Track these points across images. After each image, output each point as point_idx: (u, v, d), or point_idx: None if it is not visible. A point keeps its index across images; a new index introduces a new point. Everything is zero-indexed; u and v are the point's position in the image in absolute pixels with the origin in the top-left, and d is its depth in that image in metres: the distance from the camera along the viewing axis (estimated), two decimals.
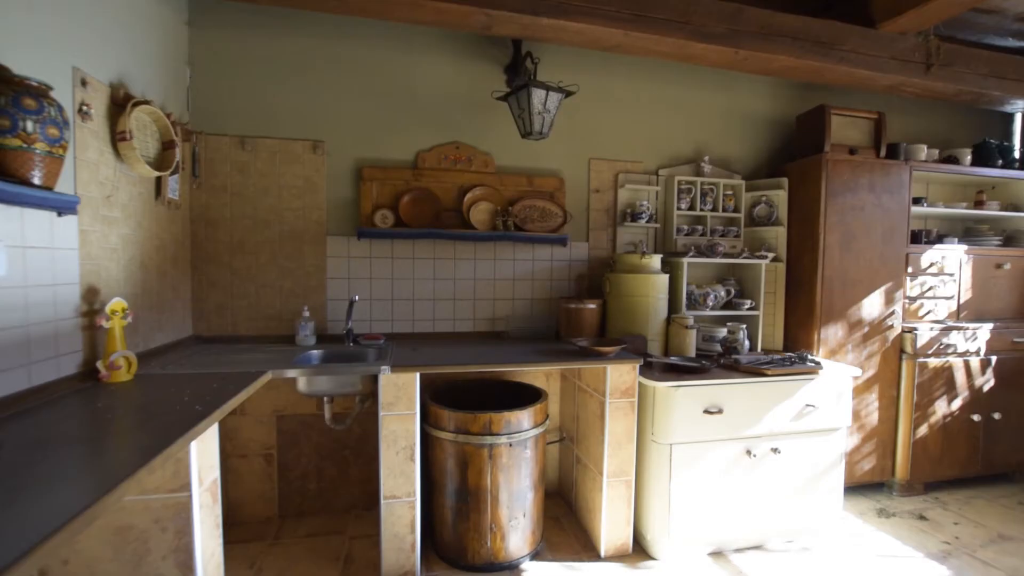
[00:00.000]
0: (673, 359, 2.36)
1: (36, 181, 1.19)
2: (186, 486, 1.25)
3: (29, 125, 1.15)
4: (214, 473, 1.39)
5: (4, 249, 1.27)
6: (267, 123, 2.41)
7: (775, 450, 2.25)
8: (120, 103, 1.74)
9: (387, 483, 1.95)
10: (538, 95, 2.26)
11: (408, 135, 2.56)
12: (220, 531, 1.41)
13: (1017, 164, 3.21)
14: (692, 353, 2.49)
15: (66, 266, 1.52)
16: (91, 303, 1.63)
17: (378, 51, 2.50)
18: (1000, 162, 3.13)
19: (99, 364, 1.58)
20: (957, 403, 2.88)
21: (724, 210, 2.88)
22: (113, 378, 1.60)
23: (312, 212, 2.47)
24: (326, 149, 2.46)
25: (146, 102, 1.79)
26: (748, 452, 2.21)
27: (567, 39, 2.29)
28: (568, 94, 2.35)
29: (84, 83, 1.58)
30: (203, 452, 1.31)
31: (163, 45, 2.10)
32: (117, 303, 1.63)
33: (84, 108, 1.57)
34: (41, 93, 1.19)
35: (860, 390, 2.76)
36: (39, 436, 1.13)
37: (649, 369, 2.25)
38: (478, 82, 2.61)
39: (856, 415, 2.76)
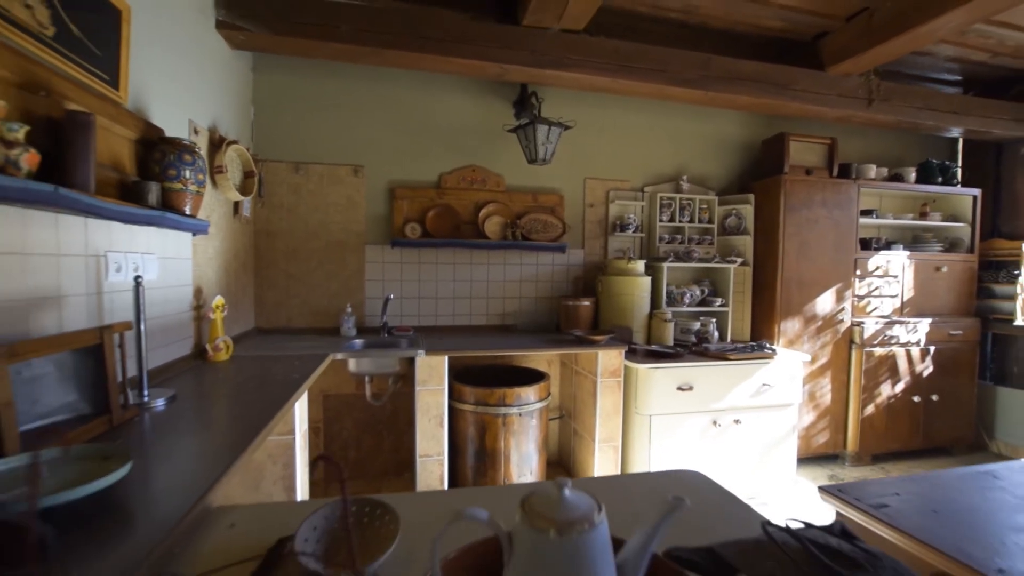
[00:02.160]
0: (654, 347, 2.84)
1: (187, 212, 1.66)
2: (291, 431, 1.74)
3: (187, 173, 1.62)
4: (305, 424, 1.87)
5: (157, 259, 1.75)
6: (316, 151, 2.89)
7: (737, 421, 2.73)
8: (216, 143, 2.22)
9: (421, 445, 2.43)
10: (542, 130, 2.74)
11: (432, 160, 3.04)
12: (308, 467, 1.89)
13: (956, 181, 3.71)
14: (670, 342, 2.97)
15: (185, 272, 2.00)
16: (198, 300, 2.11)
17: (408, 90, 2.98)
18: (940, 179, 3.62)
19: (207, 346, 2.05)
20: (900, 386, 3.37)
21: (700, 221, 3.36)
22: (216, 357, 2.07)
23: (353, 225, 2.95)
24: (364, 172, 2.95)
25: (235, 141, 2.27)
26: (714, 423, 2.70)
27: (565, 84, 2.78)
28: (567, 128, 2.84)
29: (196, 131, 2.07)
30: (301, 407, 1.79)
31: (237, 91, 2.58)
32: (219, 300, 2.11)
33: (196, 150, 2.05)
34: (192, 149, 1.66)
35: (815, 375, 3.25)
36: (194, 392, 1.61)
37: (633, 354, 2.73)
38: (491, 115, 3.09)
39: (812, 396, 3.25)
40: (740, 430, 2.75)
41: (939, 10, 2.40)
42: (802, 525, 0.67)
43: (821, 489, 1.35)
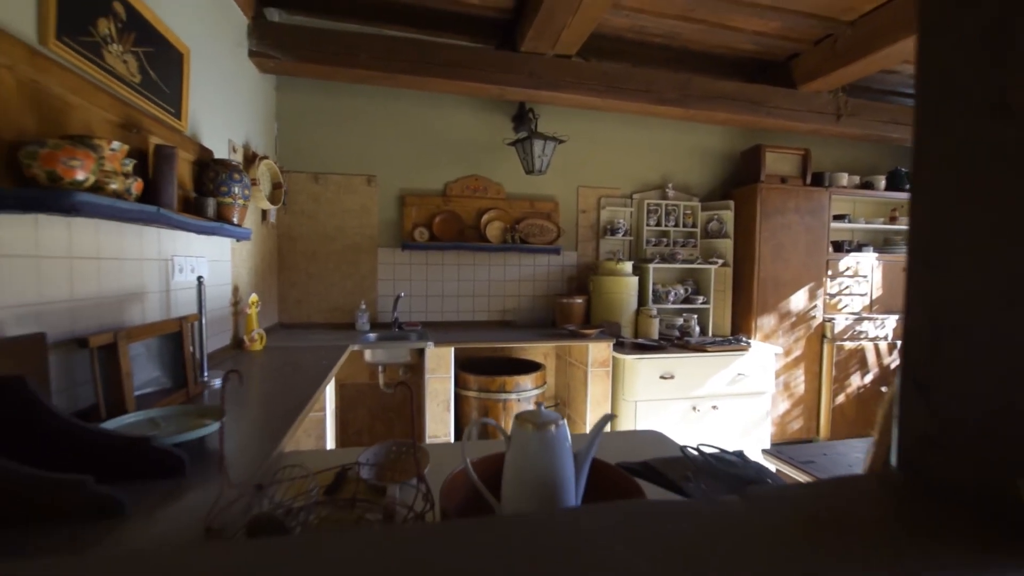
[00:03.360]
0: (640, 340, 3.14)
1: (235, 222, 1.95)
2: (322, 408, 2.03)
3: (235, 189, 1.91)
4: (333, 404, 2.16)
5: (207, 262, 2.05)
6: (333, 162, 3.18)
7: (715, 407, 3.02)
8: (250, 158, 2.51)
9: (430, 426, 2.73)
10: (538, 144, 3.03)
11: (439, 170, 3.33)
12: (335, 441, 2.18)
13: None
14: (655, 336, 3.26)
15: (226, 272, 2.29)
16: (235, 297, 2.40)
17: (417, 107, 3.27)
18: (908, 186, 3.90)
19: (244, 337, 2.35)
20: (869, 377, 3.66)
21: (684, 226, 3.66)
22: (252, 347, 2.36)
23: (367, 230, 3.24)
24: (377, 182, 3.24)
25: (265, 157, 2.56)
26: (694, 408, 2.99)
27: (560, 102, 3.07)
28: (561, 141, 3.13)
29: (234, 149, 2.36)
30: (330, 390, 2.08)
31: (264, 109, 2.87)
32: (254, 297, 2.40)
33: (242, 169, 2.34)
34: (238, 169, 1.95)
35: (789, 367, 3.54)
36: (247, 374, 1.90)
37: (621, 347, 3.02)
38: (492, 129, 3.38)
39: (786, 386, 3.54)
40: (718, 415, 3.04)
41: (892, 39, 2.70)
42: (715, 450, 0.96)
43: (764, 451, 1.64)
